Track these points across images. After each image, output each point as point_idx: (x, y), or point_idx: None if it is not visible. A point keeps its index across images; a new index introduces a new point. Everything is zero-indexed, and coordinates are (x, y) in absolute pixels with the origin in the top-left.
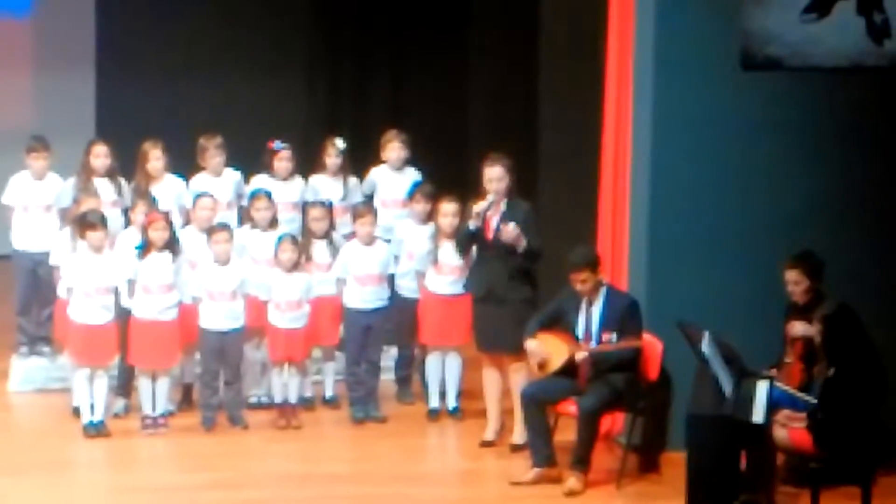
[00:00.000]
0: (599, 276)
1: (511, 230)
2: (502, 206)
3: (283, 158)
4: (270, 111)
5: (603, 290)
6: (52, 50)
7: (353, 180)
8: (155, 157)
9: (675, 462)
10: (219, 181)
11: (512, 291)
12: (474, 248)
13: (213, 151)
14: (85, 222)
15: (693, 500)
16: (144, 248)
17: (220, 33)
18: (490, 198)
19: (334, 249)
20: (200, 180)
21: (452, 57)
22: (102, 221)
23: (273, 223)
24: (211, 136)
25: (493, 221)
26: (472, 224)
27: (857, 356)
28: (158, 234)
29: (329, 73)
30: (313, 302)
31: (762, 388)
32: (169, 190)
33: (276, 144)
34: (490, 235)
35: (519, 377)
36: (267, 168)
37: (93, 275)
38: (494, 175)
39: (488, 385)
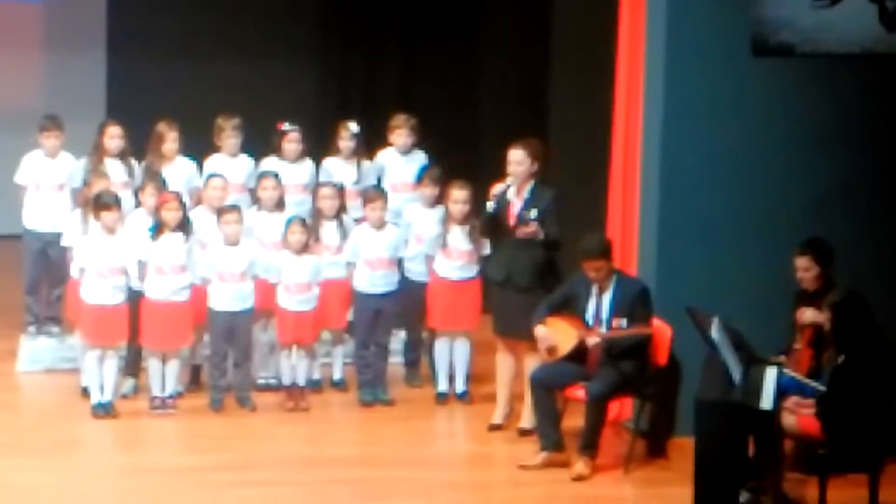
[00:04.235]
0: (612, 264)
1: (527, 230)
2: (525, 193)
3: (293, 140)
4: (281, 95)
5: (613, 277)
6: (64, 32)
7: (366, 164)
8: (171, 138)
9: (683, 448)
10: (234, 162)
11: (536, 280)
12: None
13: (229, 132)
14: (99, 203)
15: (700, 485)
16: (157, 228)
17: (231, 15)
18: (509, 181)
19: (344, 231)
20: (216, 161)
21: (464, 41)
22: (117, 202)
23: (280, 205)
24: (228, 117)
25: (516, 207)
26: (489, 205)
27: (866, 343)
28: (172, 215)
29: (340, 56)
30: (323, 284)
31: (771, 375)
32: (180, 172)
33: (286, 126)
34: (512, 221)
35: (533, 363)
36: (276, 150)
37: (105, 255)
38: (514, 158)
39: (501, 369)
